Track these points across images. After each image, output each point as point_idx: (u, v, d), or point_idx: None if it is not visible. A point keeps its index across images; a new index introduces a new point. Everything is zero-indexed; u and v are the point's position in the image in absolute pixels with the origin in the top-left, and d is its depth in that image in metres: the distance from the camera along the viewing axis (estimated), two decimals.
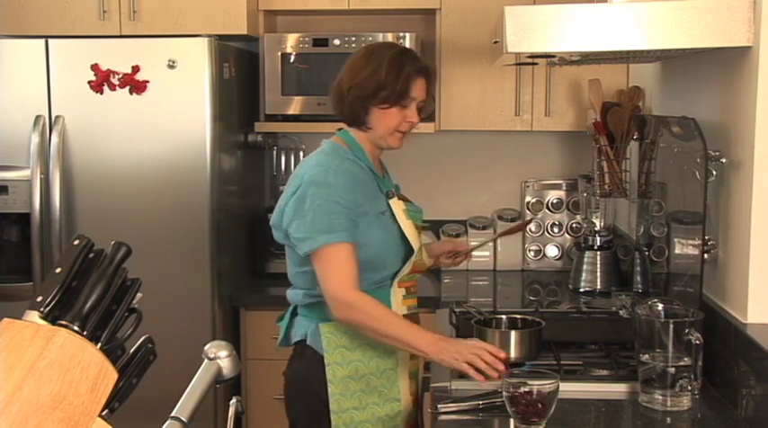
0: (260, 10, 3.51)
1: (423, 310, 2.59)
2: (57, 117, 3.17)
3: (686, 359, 1.93)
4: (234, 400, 1.51)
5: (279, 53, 3.46)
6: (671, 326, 1.93)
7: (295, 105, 3.49)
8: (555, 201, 3.67)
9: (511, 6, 1.98)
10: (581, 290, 3.16)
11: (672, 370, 1.92)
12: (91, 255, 1.15)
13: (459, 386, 2.07)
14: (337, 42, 3.43)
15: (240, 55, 3.48)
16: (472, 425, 1.91)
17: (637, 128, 2.88)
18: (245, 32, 3.37)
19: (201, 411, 1.38)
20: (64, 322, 1.09)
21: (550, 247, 3.63)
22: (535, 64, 3.15)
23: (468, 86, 3.44)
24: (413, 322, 2.18)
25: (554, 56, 2.41)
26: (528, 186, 3.71)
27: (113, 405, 1.11)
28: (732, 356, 1.95)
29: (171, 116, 3.15)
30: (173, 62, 3.11)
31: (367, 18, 3.66)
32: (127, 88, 3.13)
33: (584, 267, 3.18)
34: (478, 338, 2.23)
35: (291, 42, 3.46)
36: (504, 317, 2.36)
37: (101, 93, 3.15)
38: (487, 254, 3.63)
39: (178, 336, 3.10)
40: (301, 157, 3.80)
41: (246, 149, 3.59)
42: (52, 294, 1.10)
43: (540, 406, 1.81)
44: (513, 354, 2.18)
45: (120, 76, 3.13)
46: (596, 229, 3.20)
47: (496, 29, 2.25)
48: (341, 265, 2.06)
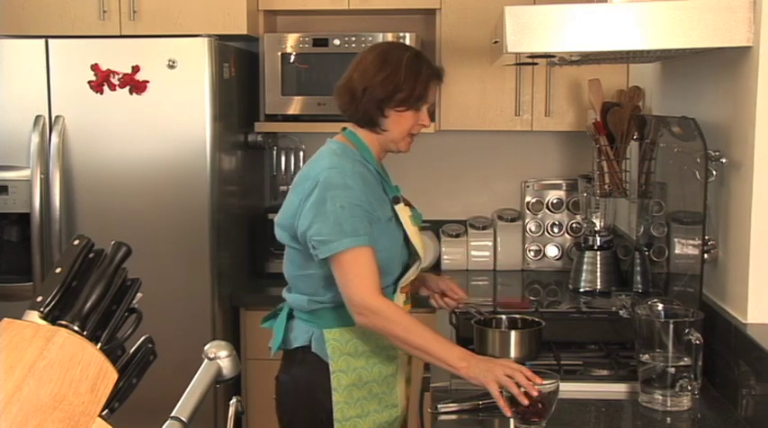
0: (260, 10, 3.51)
1: (423, 310, 2.60)
2: (57, 117, 3.17)
3: (686, 359, 1.93)
4: (234, 400, 1.51)
5: (279, 53, 3.46)
6: (671, 326, 1.93)
7: (295, 105, 3.49)
8: (555, 201, 3.67)
9: (511, 6, 1.98)
10: (581, 290, 3.16)
11: (672, 370, 1.92)
12: (91, 255, 1.15)
13: (459, 386, 2.07)
14: (337, 42, 3.43)
15: (240, 55, 3.48)
16: (472, 425, 1.91)
17: (637, 128, 2.88)
18: (245, 32, 3.37)
19: (201, 411, 1.38)
20: (64, 322, 1.09)
21: (550, 247, 3.63)
22: (535, 64, 3.15)
23: (468, 86, 3.44)
24: None
25: (554, 56, 2.41)
26: (528, 186, 3.71)
27: (113, 405, 1.11)
28: (732, 356, 1.95)
29: (171, 116, 3.15)
30: (173, 62, 3.11)
31: (367, 18, 3.66)
32: (127, 88, 3.13)
33: (584, 267, 3.18)
34: (479, 338, 2.23)
35: (291, 42, 3.46)
36: (504, 317, 2.36)
37: (101, 93, 3.15)
38: (487, 254, 3.63)
39: (178, 336, 3.10)
40: (301, 157, 3.81)
41: (246, 149, 3.59)
42: (52, 294, 1.10)
43: (540, 406, 1.81)
44: (513, 354, 2.18)
45: (120, 76, 3.13)
46: (596, 229, 3.20)
47: (496, 29, 2.25)
48: (364, 270, 2.02)
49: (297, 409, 2.20)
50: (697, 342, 1.91)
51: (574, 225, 3.63)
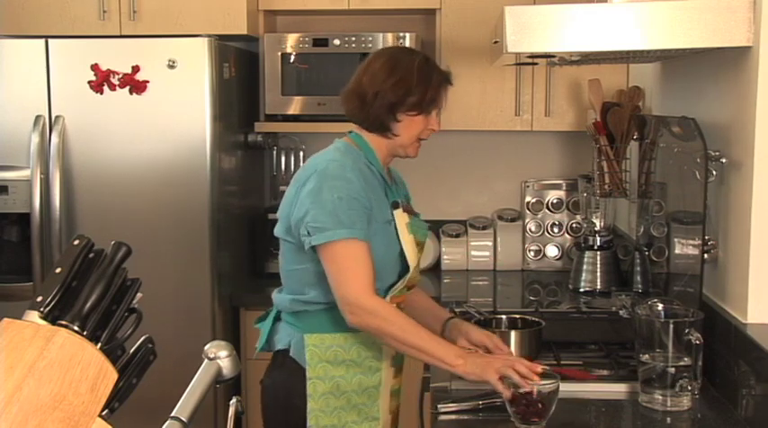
0: (260, 10, 3.51)
1: None
2: (57, 117, 3.17)
3: (686, 359, 1.93)
4: (234, 400, 1.51)
5: (279, 53, 3.46)
6: (671, 326, 1.93)
7: (295, 105, 3.49)
8: (555, 201, 3.67)
9: (511, 6, 1.98)
10: (581, 290, 3.16)
11: (672, 370, 1.92)
12: (91, 255, 1.15)
13: (459, 386, 2.07)
14: (337, 42, 3.43)
15: (240, 55, 3.48)
16: (472, 425, 1.91)
17: (637, 128, 2.88)
18: (245, 32, 3.37)
19: (201, 411, 1.38)
20: (64, 322, 1.09)
21: (550, 247, 3.63)
22: (535, 64, 3.15)
23: (468, 86, 3.44)
24: None
25: (554, 56, 2.41)
26: (528, 186, 3.71)
27: (113, 405, 1.11)
28: (732, 356, 1.95)
29: (171, 116, 3.15)
30: (173, 62, 3.11)
31: (367, 18, 3.66)
32: (127, 88, 3.13)
33: (584, 267, 3.18)
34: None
35: (291, 42, 3.46)
36: (504, 317, 2.36)
37: (101, 93, 3.15)
38: (487, 254, 3.63)
39: (178, 336, 3.10)
40: (301, 157, 3.80)
41: (246, 149, 3.59)
42: (52, 294, 1.10)
43: (540, 406, 1.81)
44: (514, 354, 2.18)
45: (120, 76, 3.13)
46: (596, 229, 3.20)
47: (496, 29, 2.25)
48: (358, 265, 1.97)
49: (275, 414, 2.16)
50: (697, 342, 1.91)
51: (574, 225, 3.63)
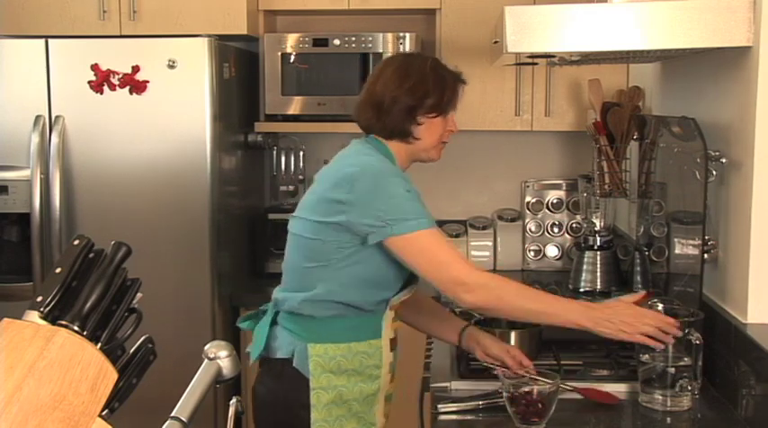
0: (260, 10, 3.51)
1: None
2: (57, 117, 3.17)
3: (686, 359, 1.93)
4: (234, 400, 1.51)
5: (279, 53, 3.46)
6: None
7: (295, 105, 3.49)
8: (555, 201, 3.67)
9: (511, 6, 1.98)
10: (581, 290, 3.16)
11: (672, 370, 1.92)
12: (91, 255, 1.15)
13: (459, 386, 2.07)
14: (337, 42, 3.43)
15: (240, 55, 3.48)
16: (472, 425, 1.91)
17: (637, 128, 2.88)
18: (245, 32, 3.37)
19: (201, 411, 1.38)
20: (64, 322, 1.09)
21: (550, 247, 3.63)
22: (535, 64, 3.15)
23: (468, 86, 3.41)
24: (395, 344, 2.13)
25: (554, 56, 2.41)
26: (528, 186, 3.71)
27: (113, 405, 1.11)
28: (732, 356, 1.95)
29: (171, 116, 3.15)
30: (173, 62, 3.11)
31: (367, 18, 3.66)
32: (127, 88, 3.14)
33: (584, 267, 3.17)
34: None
35: (291, 42, 3.46)
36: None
37: (101, 93, 3.15)
38: (487, 254, 3.63)
39: (178, 336, 3.10)
40: (301, 157, 3.80)
41: (246, 149, 3.59)
42: (52, 294, 1.10)
43: (540, 406, 1.81)
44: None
45: (120, 76, 3.13)
46: (596, 229, 3.20)
47: (496, 29, 2.25)
48: (452, 249, 1.97)
49: (273, 424, 2.12)
50: (697, 342, 1.91)
51: (574, 225, 3.63)
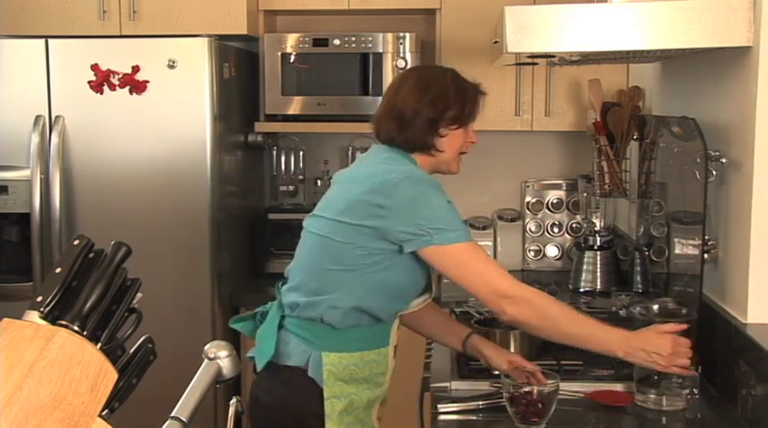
0: (260, 10, 3.51)
1: None
2: (57, 117, 3.17)
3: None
4: (234, 400, 1.51)
5: (279, 53, 3.46)
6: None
7: (295, 105, 3.49)
8: (555, 201, 3.67)
9: (511, 6, 1.98)
10: (581, 290, 3.16)
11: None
12: (91, 255, 1.15)
13: (459, 386, 2.07)
14: (337, 42, 3.43)
15: (240, 55, 3.48)
16: (472, 425, 1.91)
17: (637, 128, 2.88)
18: (245, 32, 3.37)
19: (201, 411, 1.38)
20: (64, 322, 1.09)
21: (550, 247, 3.63)
22: (535, 64, 3.15)
23: None
24: (396, 351, 2.12)
25: (554, 56, 2.41)
26: (528, 186, 3.71)
27: (113, 405, 1.11)
28: (732, 356, 1.95)
29: (171, 116, 3.15)
30: (173, 62, 3.11)
31: (367, 18, 3.66)
32: (127, 88, 3.13)
33: (584, 267, 3.18)
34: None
35: (291, 42, 3.46)
36: None
37: (101, 93, 3.15)
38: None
39: (178, 336, 3.10)
40: (301, 157, 3.80)
41: (246, 149, 3.59)
42: (52, 294, 1.10)
43: (540, 406, 1.81)
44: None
45: (120, 76, 3.13)
46: (596, 229, 3.20)
47: (496, 29, 2.25)
48: (492, 262, 1.99)
49: None
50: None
51: (574, 225, 3.63)
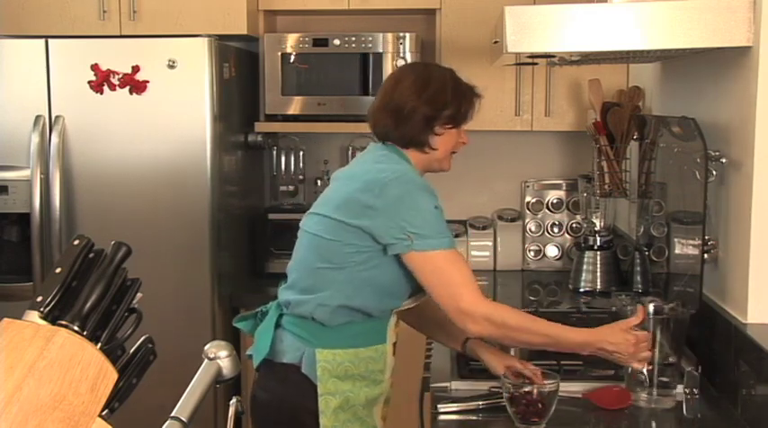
0: (260, 10, 3.51)
1: None
2: (57, 117, 3.17)
3: (671, 358, 1.94)
4: (234, 400, 1.51)
5: (279, 53, 3.46)
6: (657, 324, 1.96)
7: (295, 105, 3.49)
8: (555, 201, 3.67)
9: (511, 6, 1.98)
10: (581, 290, 3.16)
11: (657, 369, 1.93)
12: (91, 255, 1.15)
13: (459, 386, 2.07)
14: (337, 42, 3.43)
15: (240, 55, 3.48)
16: (472, 425, 1.91)
17: (637, 128, 2.88)
18: (245, 32, 3.37)
19: (201, 411, 1.38)
20: (64, 322, 1.09)
21: (550, 247, 3.63)
22: (535, 64, 3.15)
23: None
24: (395, 348, 2.13)
25: (554, 56, 2.41)
26: (528, 186, 3.71)
27: (113, 405, 1.11)
28: (732, 356, 1.95)
29: (171, 116, 3.15)
30: (173, 62, 3.11)
31: (367, 18, 3.66)
32: (127, 88, 3.13)
33: (584, 267, 3.18)
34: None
35: (291, 42, 3.46)
36: None
37: (101, 93, 3.15)
38: (487, 254, 3.63)
39: (178, 336, 3.10)
40: (301, 157, 3.80)
41: (246, 149, 3.59)
42: (52, 294, 1.10)
43: (540, 406, 1.81)
44: (513, 354, 2.18)
45: (120, 76, 3.13)
46: (596, 229, 3.20)
47: (496, 29, 2.25)
48: (467, 274, 1.97)
49: None
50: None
51: (574, 225, 3.63)
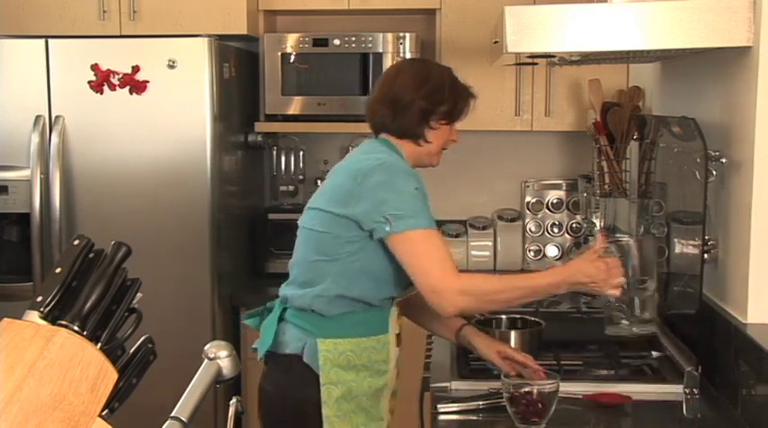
0: (260, 10, 3.51)
1: None
2: (57, 117, 3.17)
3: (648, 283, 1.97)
4: (234, 400, 1.51)
5: (279, 53, 3.46)
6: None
7: (295, 105, 3.49)
8: (555, 201, 3.67)
9: (511, 6, 1.98)
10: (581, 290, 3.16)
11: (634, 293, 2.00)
12: (91, 255, 1.15)
13: (459, 386, 2.07)
14: (337, 42, 3.43)
15: (240, 55, 3.48)
16: (472, 425, 1.91)
17: (637, 128, 2.87)
18: (245, 32, 3.37)
19: (201, 411, 1.38)
20: (64, 322, 1.09)
21: (550, 247, 3.63)
22: (535, 64, 3.15)
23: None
24: (400, 339, 2.15)
25: (554, 56, 2.41)
26: (528, 186, 3.71)
27: (113, 405, 1.11)
28: (732, 356, 1.95)
29: (171, 116, 3.15)
30: (173, 62, 3.11)
31: (367, 18, 3.66)
32: (127, 88, 3.13)
33: None
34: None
35: (291, 42, 3.46)
36: (504, 317, 2.36)
37: (101, 93, 3.15)
38: (487, 254, 3.63)
39: (178, 336, 3.09)
40: (301, 157, 3.80)
41: (246, 149, 3.59)
42: (52, 294, 1.10)
43: (540, 406, 1.81)
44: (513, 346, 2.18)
45: (120, 76, 3.13)
46: (596, 229, 3.20)
47: (496, 29, 2.25)
48: (444, 253, 1.98)
49: (283, 421, 2.12)
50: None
51: (574, 225, 3.63)
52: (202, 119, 3.14)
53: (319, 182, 3.75)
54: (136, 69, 3.13)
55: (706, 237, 2.13)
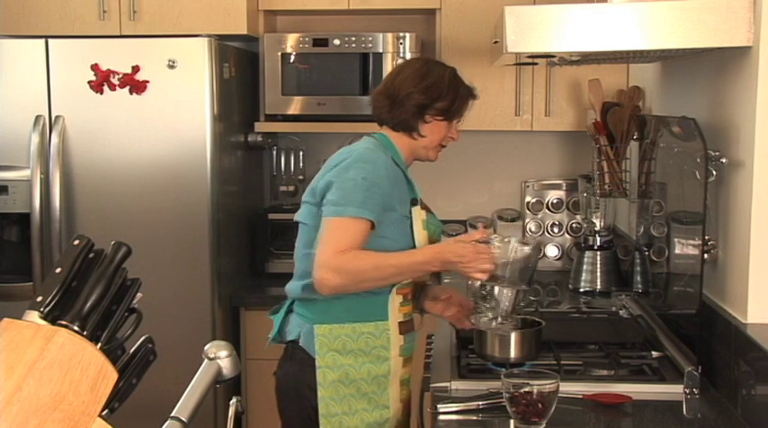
0: (260, 10, 3.51)
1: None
2: (57, 117, 3.17)
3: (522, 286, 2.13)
4: (234, 400, 1.52)
5: (279, 53, 3.46)
6: None
7: (295, 105, 3.49)
8: (555, 201, 3.67)
9: (511, 6, 1.98)
10: (581, 290, 3.16)
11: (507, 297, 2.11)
12: (91, 255, 1.15)
13: (459, 386, 2.07)
14: (337, 42, 3.43)
15: (240, 55, 3.48)
16: (472, 425, 1.91)
17: (637, 128, 2.88)
18: (245, 32, 3.37)
19: (201, 411, 1.38)
20: (64, 322, 1.09)
21: (550, 247, 3.63)
22: (535, 64, 3.15)
23: None
24: (407, 328, 2.22)
25: (554, 56, 2.41)
26: (528, 186, 3.71)
27: (113, 405, 1.12)
28: (732, 356, 1.95)
29: (171, 116, 3.15)
30: (173, 62, 3.11)
31: (367, 18, 3.67)
32: (127, 88, 3.13)
33: (584, 267, 3.18)
34: (479, 338, 2.22)
35: (291, 42, 3.46)
36: None
37: (101, 93, 3.15)
38: None
39: (178, 336, 3.10)
40: (301, 157, 3.81)
41: (246, 149, 3.60)
42: (52, 294, 1.10)
43: (540, 406, 1.81)
44: (513, 354, 2.18)
45: (120, 76, 3.13)
46: (596, 229, 3.20)
47: (496, 29, 2.25)
48: (344, 237, 2.06)
49: (287, 404, 2.24)
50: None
51: (574, 225, 3.63)
52: (202, 119, 3.14)
53: None
54: (136, 69, 3.13)
55: (706, 237, 2.13)
